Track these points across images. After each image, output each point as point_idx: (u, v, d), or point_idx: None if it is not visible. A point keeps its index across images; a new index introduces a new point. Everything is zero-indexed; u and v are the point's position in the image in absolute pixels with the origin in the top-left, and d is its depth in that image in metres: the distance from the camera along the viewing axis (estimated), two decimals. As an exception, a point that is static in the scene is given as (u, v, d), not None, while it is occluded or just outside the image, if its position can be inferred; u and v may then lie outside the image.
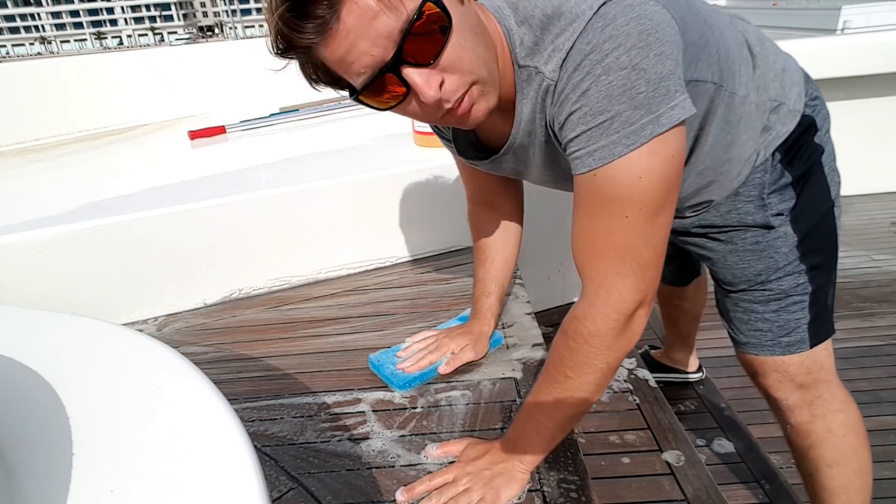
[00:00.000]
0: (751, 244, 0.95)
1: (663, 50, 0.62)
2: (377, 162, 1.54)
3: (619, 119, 0.62)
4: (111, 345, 0.67)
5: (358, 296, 1.40)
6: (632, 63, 0.61)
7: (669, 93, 0.63)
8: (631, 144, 0.63)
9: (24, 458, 0.53)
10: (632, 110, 0.62)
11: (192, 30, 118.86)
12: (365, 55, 0.60)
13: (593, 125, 0.64)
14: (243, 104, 2.82)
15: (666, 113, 0.62)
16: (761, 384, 1.06)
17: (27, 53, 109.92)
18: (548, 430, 0.79)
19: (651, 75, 0.61)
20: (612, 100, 0.62)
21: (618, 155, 0.64)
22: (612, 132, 0.63)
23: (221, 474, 0.47)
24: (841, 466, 1.04)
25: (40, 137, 2.71)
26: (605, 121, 0.63)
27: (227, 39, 34.69)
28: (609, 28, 0.61)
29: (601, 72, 0.62)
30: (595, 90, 0.62)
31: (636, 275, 0.69)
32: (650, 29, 0.61)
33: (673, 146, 0.65)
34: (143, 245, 1.32)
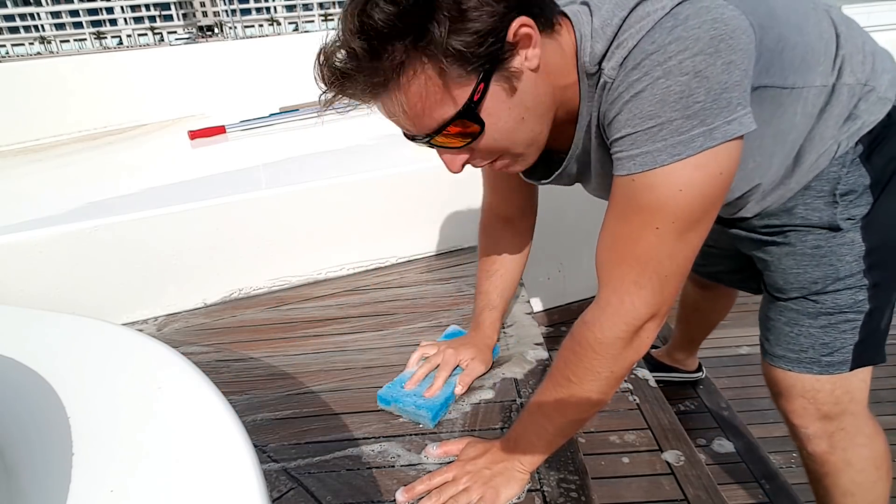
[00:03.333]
0: (811, 247, 0.86)
1: (733, 59, 0.58)
2: (377, 162, 1.54)
3: (668, 126, 0.60)
4: (111, 345, 0.67)
5: (358, 296, 1.40)
6: (695, 69, 0.58)
7: (730, 106, 0.59)
8: (677, 155, 0.60)
9: (24, 458, 0.53)
10: (684, 119, 0.59)
11: (192, 30, 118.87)
12: (402, 126, 0.68)
13: (641, 129, 0.62)
14: (243, 104, 2.82)
15: (721, 127, 0.59)
16: (782, 407, 0.99)
17: (27, 53, 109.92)
18: (548, 433, 0.77)
19: (713, 84, 0.58)
20: (665, 105, 0.59)
21: (660, 163, 0.61)
22: (658, 139, 0.61)
23: (221, 474, 0.47)
24: (857, 497, 1.00)
25: (40, 137, 2.71)
26: (653, 126, 0.61)
27: (227, 39, 34.64)
28: (679, 29, 0.58)
29: (660, 74, 0.59)
30: (650, 92, 0.60)
31: (653, 287, 0.66)
32: (723, 35, 0.58)
33: (722, 163, 0.61)
34: (143, 245, 1.32)
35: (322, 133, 2.21)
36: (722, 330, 2.16)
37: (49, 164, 2.18)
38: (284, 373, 1.12)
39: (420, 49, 0.57)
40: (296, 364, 1.15)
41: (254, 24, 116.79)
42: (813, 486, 1.07)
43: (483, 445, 0.83)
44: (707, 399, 1.69)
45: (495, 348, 1.08)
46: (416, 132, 0.66)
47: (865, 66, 0.78)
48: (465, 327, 1.15)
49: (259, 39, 3.49)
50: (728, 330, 2.15)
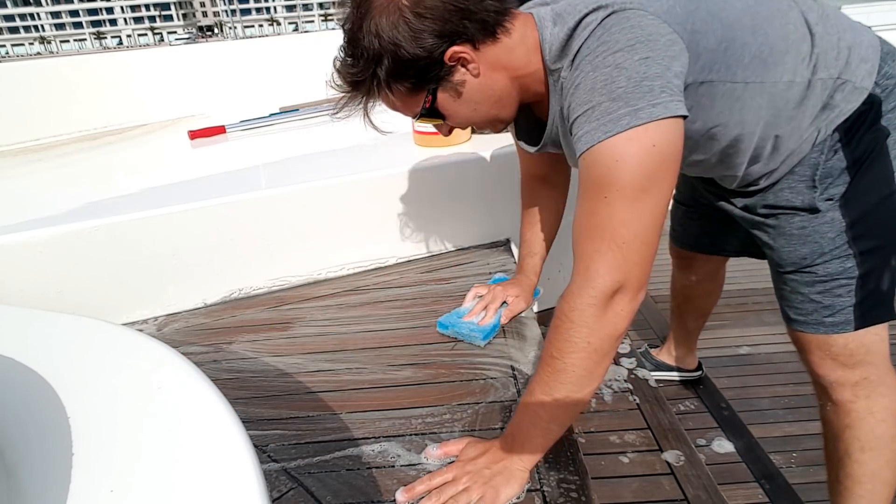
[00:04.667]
0: (797, 228, 0.98)
1: (650, 55, 0.70)
2: (377, 162, 1.54)
3: (598, 108, 0.71)
4: (111, 344, 0.67)
5: (358, 296, 1.40)
6: (615, 62, 0.70)
7: (652, 92, 0.69)
8: (608, 132, 0.70)
9: (24, 458, 0.52)
10: (610, 101, 0.70)
11: (192, 30, 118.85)
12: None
13: (579, 113, 0.73)
14: (243, 104, 2.81)
15: (646, 108, 0.68)
16: (805, 360, 1.08)
17: (27, 53, 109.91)
18: (542, 421, 0.78)
19: (632, 74, 0.69)
20: (594, 92, 0.71)
21: (596, 140, 0.71)
22: (592, 119, 0.71)
23: (221, 474, 0.47)
24: (874, 452, 1.03)
25: (40, 137, 2.71)
26: (587, 109, 0.72)
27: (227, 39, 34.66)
28: (604, 35, 0.72)
29: (590, 69, 0.72)
30: (583, 84, 0.73)
31: (613, 255, 0.71)
32: (639, 37, 0.70)
33: (654, 137, 0.69)
34: (143, 245, 1.32)
35: (322, 133, 2.20)
36: (722, 330, 2.16)
37: (49, 164, 2.18)
38: (284, 373, 1.12)
39: (376, 85, 0.81)
40: (296, 364, 1.15)
41: (254, 24, 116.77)
42: (830, 449, 1.09)
43: (483, 445, 0.84)
44: (707, 399, 1.69)
45: (536, 290, 1.24)
46: (406, 114, 0.88)
47: (839, 61, 0.86)
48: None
49: (259, 39, 3.49)
50: (728, 330, 2.16)
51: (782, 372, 1.86)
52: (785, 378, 1.84)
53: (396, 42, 0.76)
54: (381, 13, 0.76)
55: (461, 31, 0.78)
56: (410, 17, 0.75)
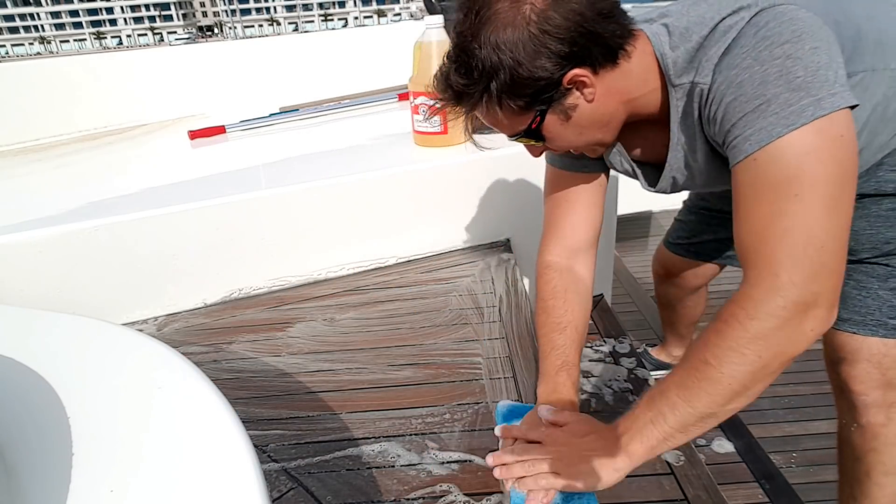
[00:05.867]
0: (886, 209, 0.90)
1: (818, 45, 0.64)
2: (377, 162, 1.54)
3: (776, 101, 0.63)
4: (111, 344, 0.67)
5: (358, 296, 1.40)
6: (786, 53, 0.64)
7: (828, 82, 0.63)
8: (791, 124, 0.62)
9: (24, 458, 0.52)
10: (790, 92, 0.63)
11: (192, 30, 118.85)
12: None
13: (749, 110, 0.65)
14: (243, 104, 2.81)
15: (827, 98, 0.62)
16: (844, 373, 0.98)
17: (27, 53, 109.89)
18: (666, 425, 0.69)
19: (808, 63, 0.63)
20: (767, 85, 0.64)
21: (776, 136, 0.63)
22: (770, 114, 0.63)
23: (221, 474, 0.47)
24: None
25: (40, 137, 2.71)
26: (761, 104, 0.64)
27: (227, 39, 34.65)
28: (762, 31, 0.66)
29: (754, 63, 0.65)
30: (749, 80, 0.65)
31: (811, 261, 0.62)
32: (802, 29, 0.64)
33: (840, 126, 0.63)
34: (143, 245, 1.32)
35: (322, 133, 2.20)
36: (722, 330, 2.16)
37: (49, 164, 2.18)
38: (284, 373, 1.12)
39: (486, 100, 0.74)
40: (296, 364, 1.15)
41: (254, 24, 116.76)
42: (847, 467, 1.04)
43: (591, 426, 0.78)
44: (707, 399, 1.69)
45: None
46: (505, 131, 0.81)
47: None
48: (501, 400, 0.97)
49: (259, 39, 3.48)
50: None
51: (782, 372, 1.86)
52: (785, 378, 1.83)
53: (518, 59, 0.70)
54: (504, 25, 0.69)
55: (586, 55, 0.71)
56: (537, 33, 0.69)
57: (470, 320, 1.25)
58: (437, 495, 0.81)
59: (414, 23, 3.67)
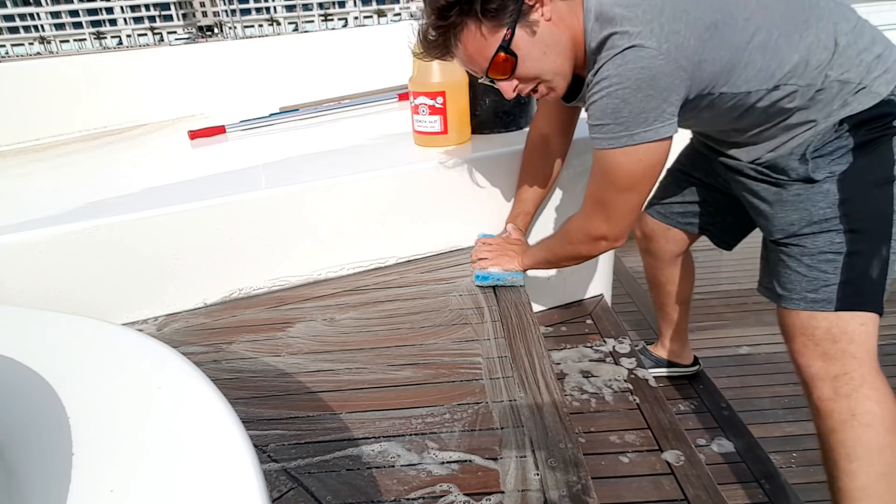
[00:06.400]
0: (793, 195, 1.05)
1: (651, 93, 0.92)
2: (377, 162, 1.54)
3: (606, 127, 0.99)
4: (111, 345, 0.67)
5: (358, 296, 1.40)
6: (623, 97, 0.94)
7: (647, 121, 0.95)
8: (611, 145, 1.00)
9: (24, 458, 0.52)
10: (615, 124, 0.97)
11: (192, 30, 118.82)
12: (472, 71, 1.07)
13: (594, 124, 1.01)
14: (243, 104, 2.81)
15: (640, 133, 0.96)
16: (790, 350, 1.09)
17: (26, 53, 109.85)
18: (540, 254, 1.32)
19: (634, 108, 0.94)
20: (605, 115, 0.97)
21: (603, 147, 1.01)
22: (602, 132, 1.00)
23: (221, 474, 0.47)
24: (861, 462, 0.97)
25: (40, 137, 2.71)
26: (599, 125, 1.00)
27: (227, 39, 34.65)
28: (621, 68, 0.92)
29: (604, 94, 0.96)
30: (599, 104, 0.97)
31: (603, 217, 1.11)
32: (646, 77, 0.91)
33: (641, 154, 0.98)
34: (143, 245, 1.32)
35: (322, 133, 2.20)
36: (722, 330, 2.16)
37: (49, 164, 2.17)
38: (284, 373, 1.12)
39: (466, 13, 0.95)
40: (296, 364, 1.15)
41: (254, 24, 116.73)
42: (823, 458, 1.04)
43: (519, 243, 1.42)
44: (707, 399, 1.69)
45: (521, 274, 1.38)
46: (478, 73, 1.04)
47: (861, 70, 0.96)
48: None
49: (259, 39, 3.48)
50: (728, 330, 2.16)
51: (782, 372, 1.86)
52: (785, 378, 1.84)
53: None
54: None
55: None
56: None
57: (470, 320, 1.25)
58: (437, 495, 0.82)
59: (414, 23, 3.67)
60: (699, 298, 2.13)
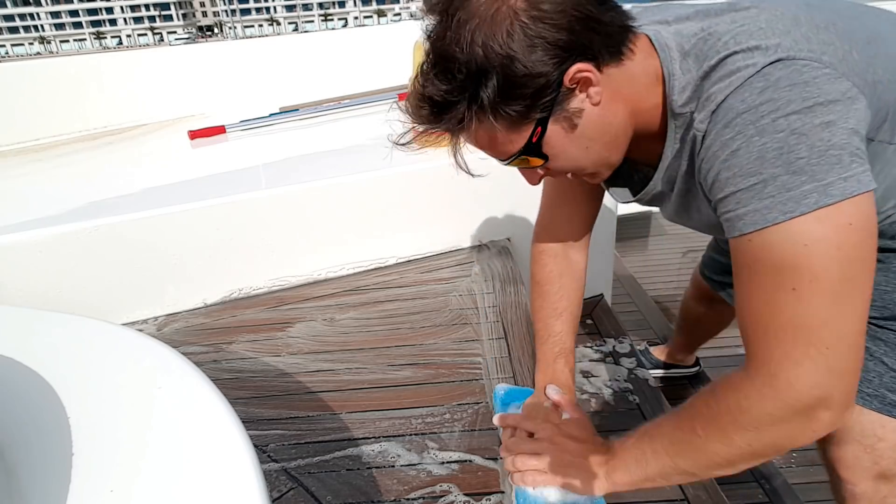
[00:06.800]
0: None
1: (832, 119, 0.55)
2: (377, 162, 1.54)
3: (773, 183, 0.56)
4: (111, 345, 0.67)
5: (358, 296, 1.40)
6: (791, 127, 0.55)
7: (841, 163, 0.55)
8: (789, 212, 0.55)
9: (24, 458, 0.52)
10: (790, 175, 0.55)
11: (192, 30, 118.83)
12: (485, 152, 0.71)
13: (743, 187, 0.58)
14: (243, 104, 2.81)
15: (837, 183, 0.55)
16: (830, 453, 0.85)
17: (26, 53, 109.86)
18: (649, 468, 0.68)
19: (815, 141, 0.55)
20: (765, 162, 0.56)
21: (771, 221, 0.56)
22: (765, 196, 0.56)
23: (221, 474, 0.47)
24: None
25: (40, 137, 2.71)
26: (756, 183, 0.57)
27: (227, 39, 34.66)
28: (769, 91, 0.57)
29: (754, 132, 0.57)
30: (745, 150, 0.57)
31: (814, 363, 0.56)
32: (817, 96, 0.56)
33: (849, 214, 0.55)
34: (143, 245, 1.32)
35: (322, 133, 2.20)
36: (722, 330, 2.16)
37: (49, 164, 2.18)
38: (284, 373, 1.12)
39: (475, 111, 0.62)
40: (296, 364, 1.15)
41: (254, 24, 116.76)
42: None
43: (586, 433, 0.79)
44: (707, 399, 1.69)
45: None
46: (494, 158, 0.71)
47: None
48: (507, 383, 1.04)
49: (259, 39, 3.48)
50: (728, 330, 2.15)
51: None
52: (785, 378, 1.83)
53: (510, 54, 0.58)
54: (486, 18, 0.58)
55: (587, 45, 0.60)
56: (528, 21, 0.58)
57: (470, 320, 1.25)
58: (437, 495, 0.82)
59: (414, 23, 3.67)
60: (699, 298, 2.13)
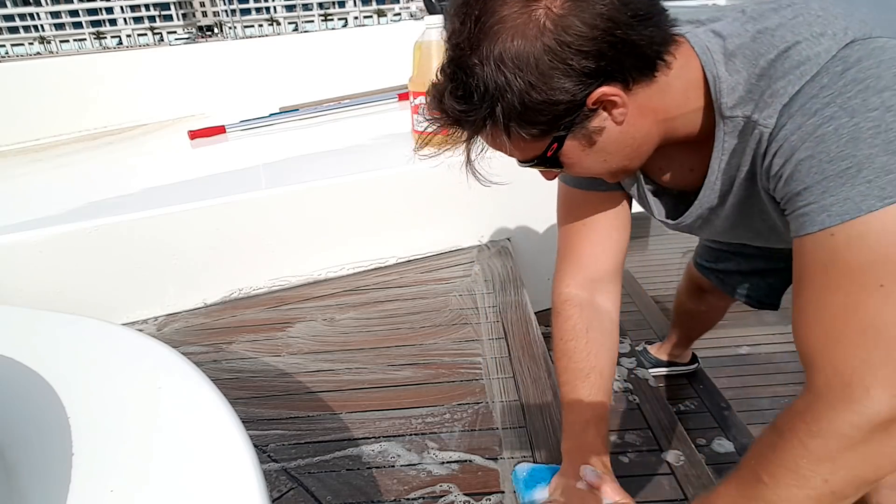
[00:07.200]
0: None
1: None
2: (377, 162, 1.54)
3: (869, 166, 0.50)
4: (111, 345, 0.67)
5: (358, 296, 1.40)
6: (885, 104, 0.50)
7: None
8: (888, 197, 0.49)
9: (24, 458, 0.53)
10: (889, 155, 0.50)
11: (192, 29, 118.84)
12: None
13: (831, 173, 0.52)
14: (243, 104, 2.81)
15: None
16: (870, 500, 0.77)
17: (26, 53, 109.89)
18: None
19: None
20: (859, 143, 0.50)
21: (866, 210, 0.50)
22: (860, 181, 0.50)
23: (221, 474, 0.47)
24: None
25: (40, 137, 2.71)
26: (849, 167, 0.51)
27: (227, 39, 34.67)
28: (851, 71, 0.52)
29: (843, 114, 0.51)
30: (835, 134, 0.51)
31: (884, 364, 0.50)
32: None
33: None
34: (143, 245, 1.32)
35: (322, 133, 2.20)
36: (722, 330, 2.16)
37: (49, 164, 2.18)
38: (284, 373, 1.12)
39: (489, 126, 0.61)
40: (296, 364, 1.15)
41: (254, 24, 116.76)
42: None
43: None
44: (707, 399, 1.69)
45: None
46: (517, 158, 0.69)
47: None
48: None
49: (259, 39, 3.48)
50: (728, 330, 2.16)
51: (782, 372, 1.86)
52: (785, 378, 1.84)
53: (529, 80, 0.55)
54: (512, 36, 0.54)
55: (616, 69, 0.56)
56: (554, 45, 0.54)
57: (470, 320, 1.25)
58: (437, 495, 0.82)
59: (414, 23, 3.68)
60: (699, 298, 2.13)
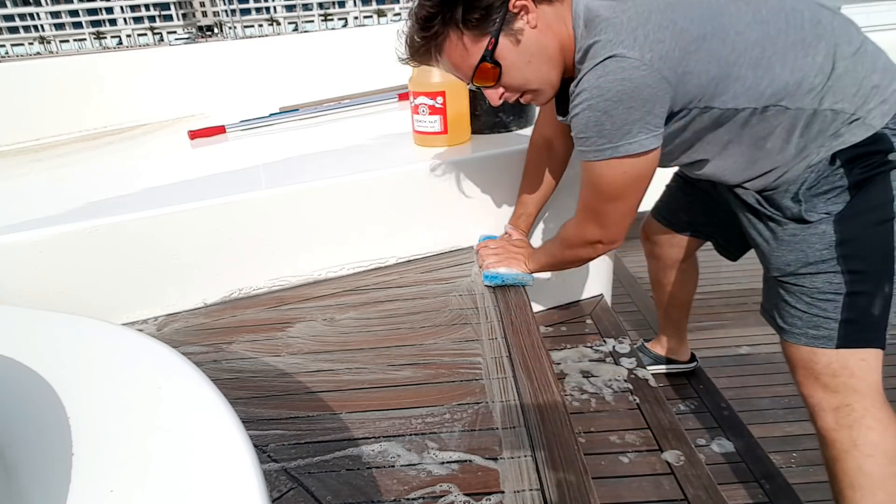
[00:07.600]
0: (789, 234, 1.02)
1: (632, 105, 0.89)
2: (377, 162, 1.54)
3: (590, 140, 0.96)
4: (111, 345, 0.67)
5: (358, 296, 1.40)
6: (605, 109, 0.91)
7: (630, 133, 0.92)
8: (596, 157, 0.97)
9: (24, 458, 0.52)
10: (598, 137, 0.94)
11: (192, 29, 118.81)
12: (457, 75, 1.04)
13: (578, 136, 0.98)
14: (243, 104, 2.81)
15: (624, 146, 0.94)
16: (794, 378, 1.09)
17: (26, 53, 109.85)
18: (546, 260, 1.31)
19: (616, 120, 0.91)
20: (588, 128, 0.95)
21: (588, 159, 0.99)
22: (586, 145, 0.97)
23: (221, 474, 0.47)
24: (864, 491, 0.98)
25: (40, 137, 2.71)
26: (582, 137, 0.97)
27: (227, 39, 34.67)
28: (601, 79, 0.89)
29: (585, 107, 0.93)
30: (580, 117, 0.95)
31: (595, 224, 1.10)
32: (627, 89, 0.88)
33: (625, 165, 0.96)
34: (143, 245, 1.32)
35: (322, 133, 2.20)
36: (722, 330, 2.16)
37: (49, 164, 2.17)
38: (284, 373, 1.12)
39: (448, 24, 0.95)
40: (296, 364, 1.15)
41: (253, 24, 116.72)
42: (829, 480, 1.06)
43: (523, 244, 1.41)
44: (707, 399, 1.69)
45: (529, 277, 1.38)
46: (464, 80, 1.03)
47: (857, 100, 0.91)
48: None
49: (259, 39, 3.48)
50: (728, 330, 2.16)
51: (782, 372, 1.86)
52: (785, 378, 1.83)
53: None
54: None
55: None
56: None
57: (470, 320, 1.25)
58: (437, 495, 0.82)
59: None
60: (699, 298, 2.13)
